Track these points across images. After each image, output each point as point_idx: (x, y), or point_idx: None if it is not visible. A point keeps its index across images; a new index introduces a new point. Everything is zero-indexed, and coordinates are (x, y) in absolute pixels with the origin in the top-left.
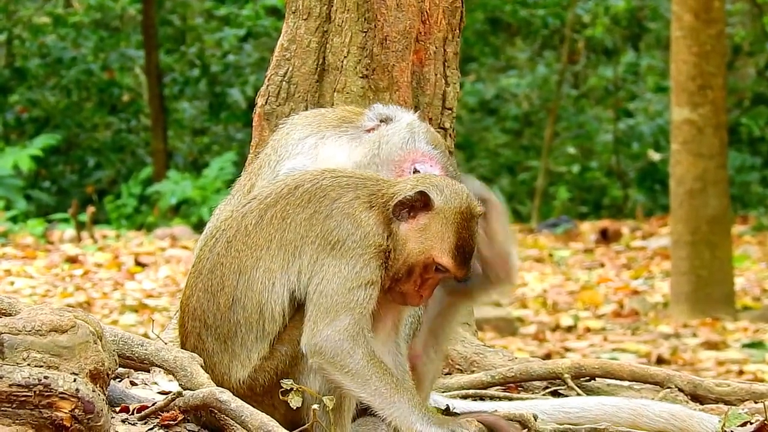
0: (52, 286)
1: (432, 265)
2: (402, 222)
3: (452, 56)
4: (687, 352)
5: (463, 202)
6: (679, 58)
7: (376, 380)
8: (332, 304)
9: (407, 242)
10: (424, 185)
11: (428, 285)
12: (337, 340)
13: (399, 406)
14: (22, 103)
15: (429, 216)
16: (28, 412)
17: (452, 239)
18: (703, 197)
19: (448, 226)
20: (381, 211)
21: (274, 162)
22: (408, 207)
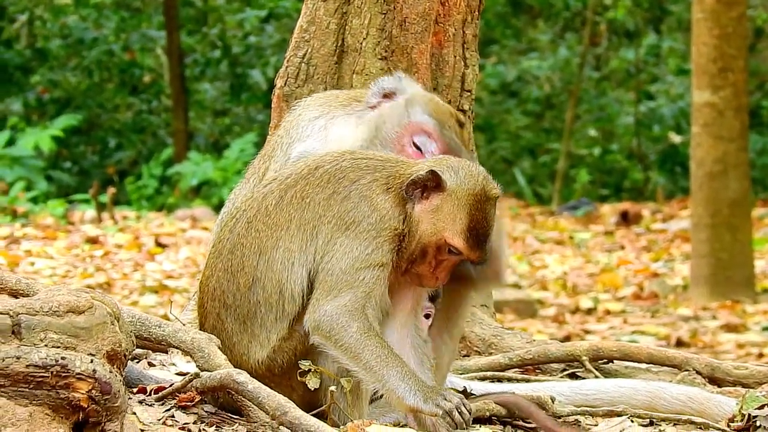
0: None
1: (444, 247)
2: (416, 203)
3: (471, 38)
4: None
5: (478, 183)
6: (700, 41)
7: (368, 353)
8: (336, 283)
9: (420, 223)
10: (438, 166)
11: (443, 267)
12: (333, 315)
13: (388, 379)
14: (43, 83)
15: (442, 197)
16: (45, 392)
17: (464, 221)
18: (723, 180)
19: (461, 207)
20: (397, 193)
21: (286, 145)
22: (421, 187)
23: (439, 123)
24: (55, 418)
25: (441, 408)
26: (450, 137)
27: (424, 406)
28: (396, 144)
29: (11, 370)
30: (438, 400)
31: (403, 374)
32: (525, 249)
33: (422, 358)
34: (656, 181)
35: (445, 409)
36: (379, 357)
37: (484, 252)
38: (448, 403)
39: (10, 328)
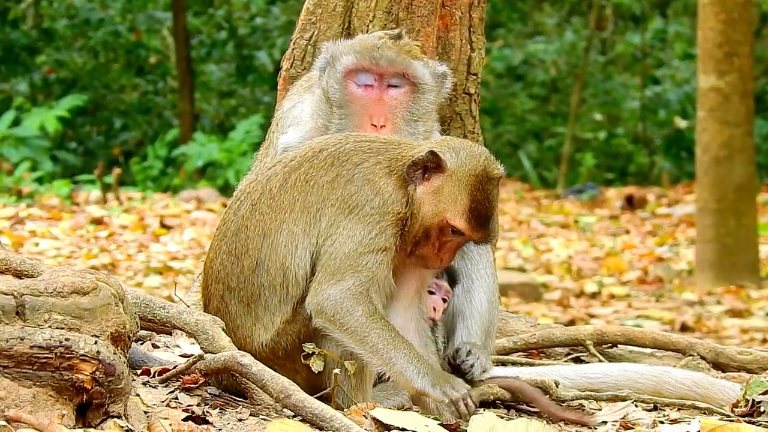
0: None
1: (447, 228)
2: (417, 184)
3: (478, 21)
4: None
5: (479, 164)
6: (707, 26)
7: (375, 336)
8: (339, 266)
9: (422, 205)
10: (439, 146)
11: (447, 248)
12: (338, 299)
13: (396, 362)
14: (49, 63)
15: (442, 177)
16: (48, 374)
17: (466, 201)
18: (729, 165)
19: (462, 187)
20: (400, 175)
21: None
22: (421, 168)
23: (366, 51)
24: (58, 399)
25: (448, 396)
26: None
27: (432, 390)
28: (348, 98)
29: (15, 351)
30: (446, 387)
31: (410, 356)
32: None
33: (426, 341)
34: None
35: (452, 398)
36: (386, 339)
37: (488, 232)
38: (455, 392)
39: (14, 309)
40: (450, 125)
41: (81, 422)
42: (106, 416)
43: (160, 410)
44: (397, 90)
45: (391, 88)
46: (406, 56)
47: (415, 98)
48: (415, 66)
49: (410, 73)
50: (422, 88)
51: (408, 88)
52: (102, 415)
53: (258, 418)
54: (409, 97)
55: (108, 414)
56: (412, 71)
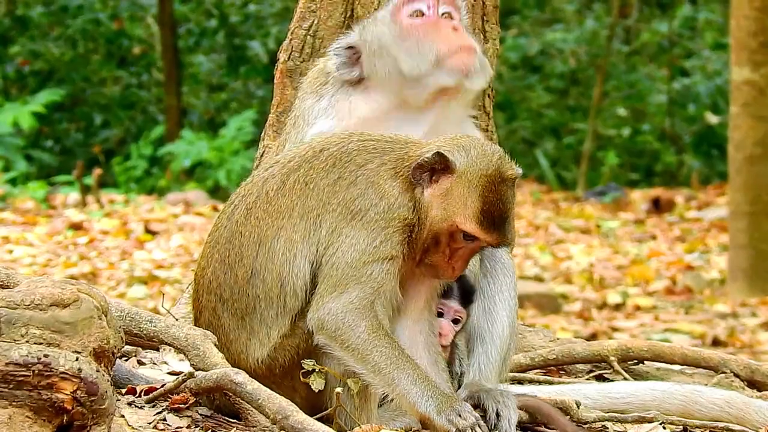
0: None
1: (458, 233)
2: (425, 187)
3: (492, 9)
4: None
5: (492, 163)
6: (740, 13)
7: (377, 355)
8: (342, 278)
9: (430, 209)
10: (447, 146)
11: (459, 255)
12: (340, 313)
13: (399, 383)
14: (23, 55)
15: (451, 179)
16: (26, 393)
17: (477, 204)
18: (763, 164)
19: (472, 189)
20: (406, 177)
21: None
22: (428, 170)
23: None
24: (36, 420)
25: (454, 425)
26: None
27: (437, 417)
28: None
29: None
30: (452, 415)
31: (415, 377)
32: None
33: (436, 357)
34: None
35: (459, 427)
36: (390, 358)
37: (504, 235)
38: (462, 421)
39: None
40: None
41: None
42: None
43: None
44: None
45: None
46: None
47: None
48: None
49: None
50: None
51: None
52: None
53: None
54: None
55: None
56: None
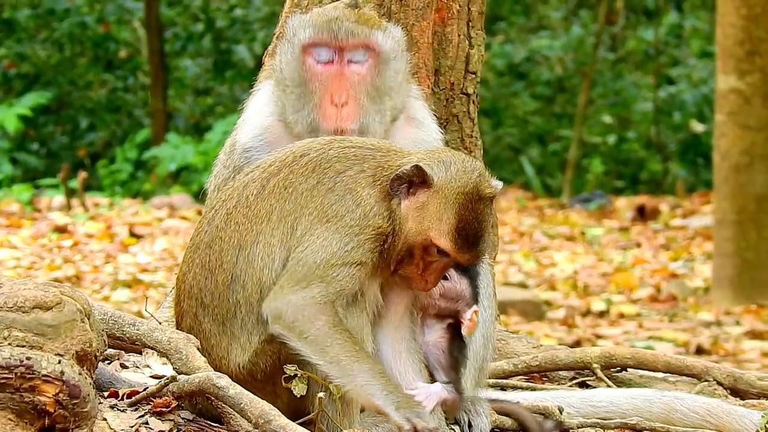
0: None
1: (432, 248)
2: (402, 199)
3: (477, 15)
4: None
5: (470, 181)
6: (726, 21)
7: (337, 348)
8: (307, 274)
9: (406, 221)
10: (428, 159)
11: (433, 269)
12: (299, 305)
13: (358, 376)
14: (9, 57)
15: (428, 193)
16: (8, 395)
17: (452, 220)
18: (749, 173)
19: (449, 205)
20: (384, 186)
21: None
22: (406, 182)
23: (324, 24)
24: (18, 423)
25: (411, 423)
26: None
27: (394, 413)
28: (306, 76)
29: None
30: (411, 414)
31: (375, 372)
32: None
33: (420, 366)
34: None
35: (416, 427)
36: (349, 351)
37: (476, 254)
38: (421, 422)
39: None
40: (446, 128)
41: None
42: None
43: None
44: (358, 65)
45: (353, 64)
46: (365, 26)
47: (379, 71)
48: (377, 35)
49: (372, 44)
50: (386, 58)
51: (371, 62)
52: None
53: None
54: (372, 71)
55: None
56: (374, 42)
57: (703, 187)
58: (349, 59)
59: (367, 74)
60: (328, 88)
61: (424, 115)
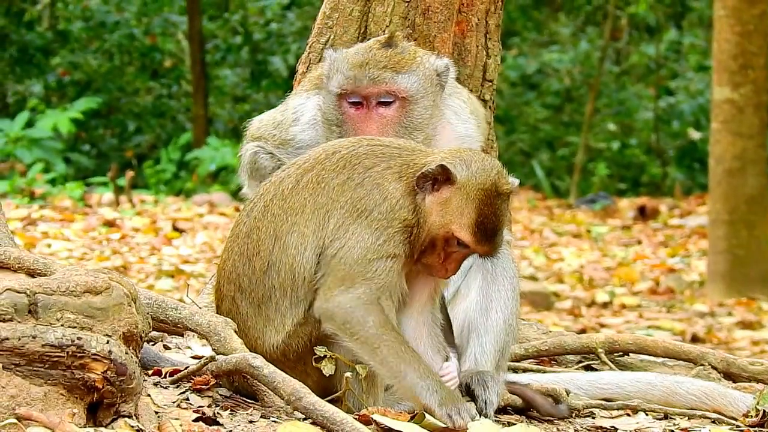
0: (89, 250)
1: (453, 239)
2: (427, 194)
3: (494, 28)
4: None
5: (489, 178)
6: (722, 37)
7: (385, 349)
8: (349, 273)
9: (430, 215)
10: (450, 159)
11: (453, 259)
12: (348, 307)
13: (405, 376)
14: (64, 65)
15: (451, 190)
16: (60, 372)
17: (472, 215)
18: (742, 176)
19: (470, 201)
20: (409, 182)
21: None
22: (431, 180)
23: (350, 72)
24: (69, 398)
25: (453, 421)
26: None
27: (438, 409)
28: (343, 118)
29: (27, 350)
30: (452, 410)
31: (421, 371)
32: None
33: (439, 347)
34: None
35: (456, 424)
36: (397, 352)
37: (494, 246)
38: (460, 419)
39: (26, 307)
40: None
41: (92, 421)
42: (116, 416)
43: (170, 411)
44: (386, 108)
45: (381, 106)
46: (389, 72)
47: (407, 111)
48: (401, 81)
49: (396, 90)
50: (413, 99)
51: (398, 103)
52: (113, 414)
53: (269, 420)
54: (400, 112)
55: (119, 413)
56: (397, 87)
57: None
58: (376, 103)
59: (395, 115)
60: (359, 129)
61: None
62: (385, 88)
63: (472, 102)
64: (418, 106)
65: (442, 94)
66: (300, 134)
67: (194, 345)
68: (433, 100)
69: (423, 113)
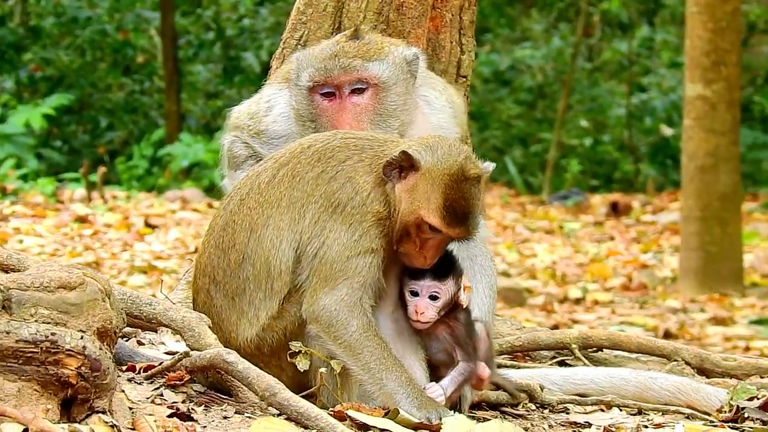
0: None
1: (424, 225)
2: (395, 183)
3: (468, 24)
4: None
5: (455, 163)
6: (694, 34)
7: (368, 354)
8: (331, 272)
9: (400, 203)
10: (415, 146)
11: (429, 246)
12: (333, 310)
13: (386, 383)
14: (35, 61)
15: (417, 176)
16: (34, 368)
17: (439, 199)
18: (714, 173)
19: (436, 185)
20: (379, 174)
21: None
22: (397, 167)
23: (320, 64)
24: (43, 394)
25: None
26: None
27: (416, 412)
28: (316, 112)
29: (1, 346)
30: (432, 414)
31: (401, 379)
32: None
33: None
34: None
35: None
36: (379, 359)
37: (467, 229)
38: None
39: (0, 303)
40: None
41: (66, 417)
42: (91, 411)
43: (145, 406)
44: (359, 96)
45: (353, 95)
46: (359, 60)
47: (380, 98)
48: (372, 68)
49: (367, 77)
50: (386, 86)
51: (370, 90)
52: (87, 410)
53: (243, 416)
54: (373, 99)
55: (93, 409)
56: (368, 74)
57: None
58: (349, 92)
59: (368, 103)
60: (334, 120)
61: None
62: (357, 76)
63: (447, 92)
64: (391, 92)
65: (414, 83)
66: (273, 125)
67: (168, 341)
68: (405, 87)
69: (396, 100)
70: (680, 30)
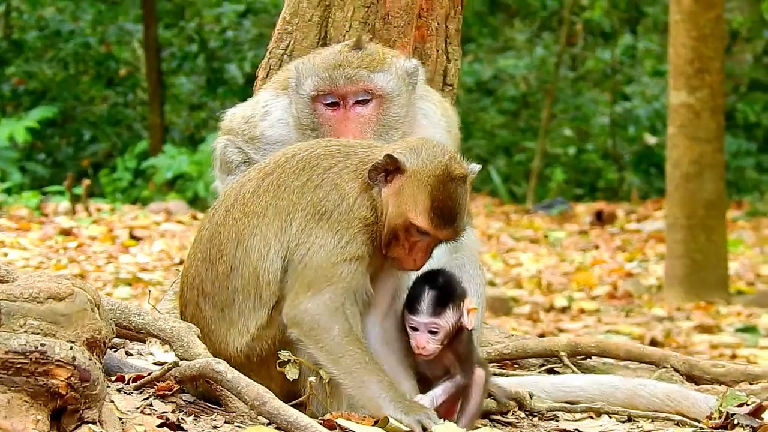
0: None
1: (412, 228)
2: (381, 187)
3: (454, 33)
4: (680, 335)
5: (441, 163)
6: (678, 42)
7: (349, 359)
8: (315, 277)
9: (387, 207)
10: (400, 148)
11: (418, 249)
12: (314, 314)
13: (368, 387)
14: (18, 75)
15: (403, 179)
16: (23, 379)
17: (426, 201)
18: (699, 181)
19: (422, 187)
20: (365, 179)
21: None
22: (383, 171)
23: (325, 73)
24: (33, 405)
25: (422, 425)
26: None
27: (405, 417)
28: (319, 121)
29: None
30: (422, 416)
31: (383, 383)
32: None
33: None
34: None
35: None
36: (360, 363)
37: (454, 230)
38: (430, 422)
39: None
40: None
41: (56, 428)
42: (80, 422)
43: (134, 417)
44: (363, 106)
45: (358, 105)
46: (364, 71)
47: (383, 109)
48: (377, 79)
49: (372, 88)
50: (389, 96)
51: (375, 101)
52: (77, 420)
53: (233, 426)
54: (377, 110)
55: (83, 420)
56: (373, 85)
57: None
58: (353, 102)
59: (372, 114)
60: (337, 130)
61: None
62: (362, 87)
63: (443, 106)
64: (394, 104)
65: (414, 95)
66: (269, 130)
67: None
68: (407, 98)
69: (399, 111)
70: (663, 38)
